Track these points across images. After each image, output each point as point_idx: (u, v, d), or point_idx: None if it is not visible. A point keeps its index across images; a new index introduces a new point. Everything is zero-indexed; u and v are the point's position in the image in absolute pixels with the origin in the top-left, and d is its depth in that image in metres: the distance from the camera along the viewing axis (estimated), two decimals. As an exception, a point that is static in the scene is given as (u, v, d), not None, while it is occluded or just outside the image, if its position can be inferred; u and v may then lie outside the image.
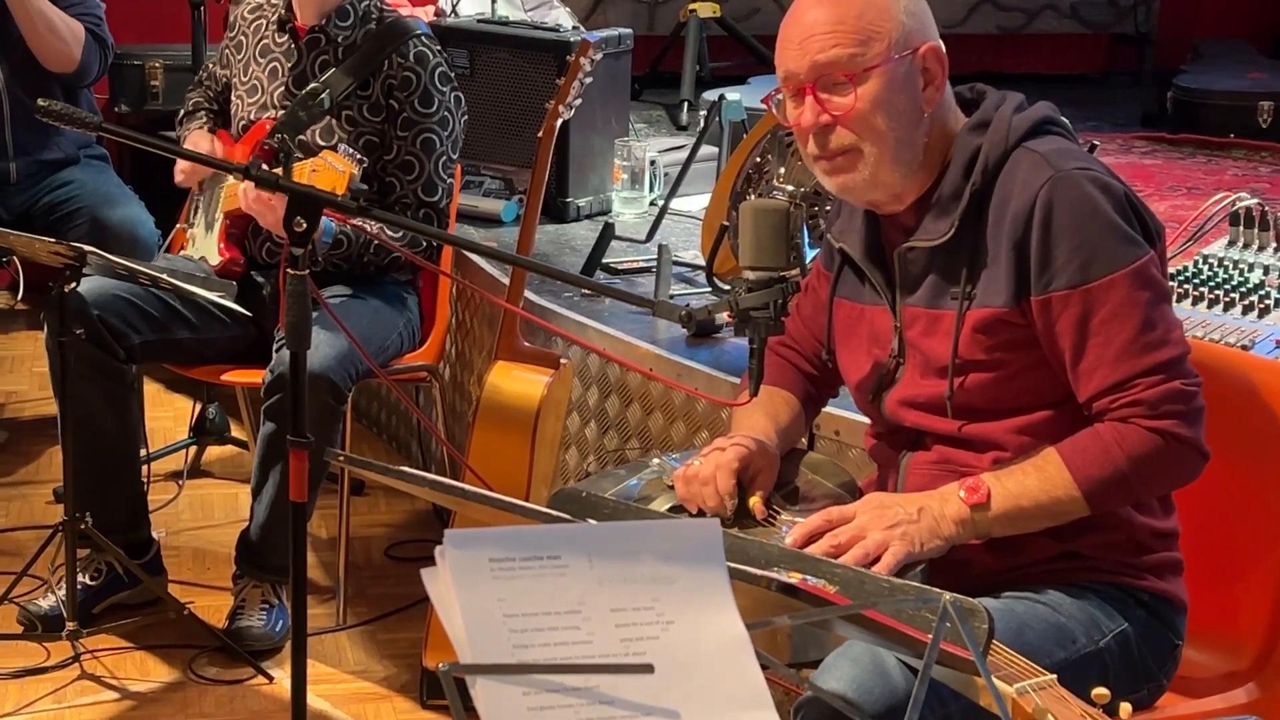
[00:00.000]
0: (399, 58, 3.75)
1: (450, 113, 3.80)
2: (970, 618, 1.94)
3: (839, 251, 2.55)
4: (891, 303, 2.47)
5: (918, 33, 2.37)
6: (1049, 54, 6.94)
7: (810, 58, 2.35)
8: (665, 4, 6.54)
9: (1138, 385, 2.28)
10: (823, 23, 2.35)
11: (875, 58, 2.34)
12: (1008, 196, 2.34)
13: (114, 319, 3.66)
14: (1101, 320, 2.29)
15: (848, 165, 2.38)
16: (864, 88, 2.34)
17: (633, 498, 2.52)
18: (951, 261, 2.39)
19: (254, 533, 3.70)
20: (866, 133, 2.35)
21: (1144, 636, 2.39)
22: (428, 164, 3.76)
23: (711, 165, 4.68)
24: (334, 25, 3.81)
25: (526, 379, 3.50)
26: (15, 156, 4.64)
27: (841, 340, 2.58)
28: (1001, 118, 2.40)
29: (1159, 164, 5.51)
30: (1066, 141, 2.41)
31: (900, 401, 2.46)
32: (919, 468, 2.45)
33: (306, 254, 2.55)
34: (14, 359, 5.42)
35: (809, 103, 2.36)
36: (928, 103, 2.38)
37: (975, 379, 2.37)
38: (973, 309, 2.36)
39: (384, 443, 4.87)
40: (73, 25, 4.57)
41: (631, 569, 1.51)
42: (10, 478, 4.57)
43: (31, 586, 3.78)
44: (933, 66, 2.38)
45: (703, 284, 3.94)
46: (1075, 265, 2.29)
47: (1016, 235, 2.32)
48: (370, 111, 3.76)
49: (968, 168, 2.38)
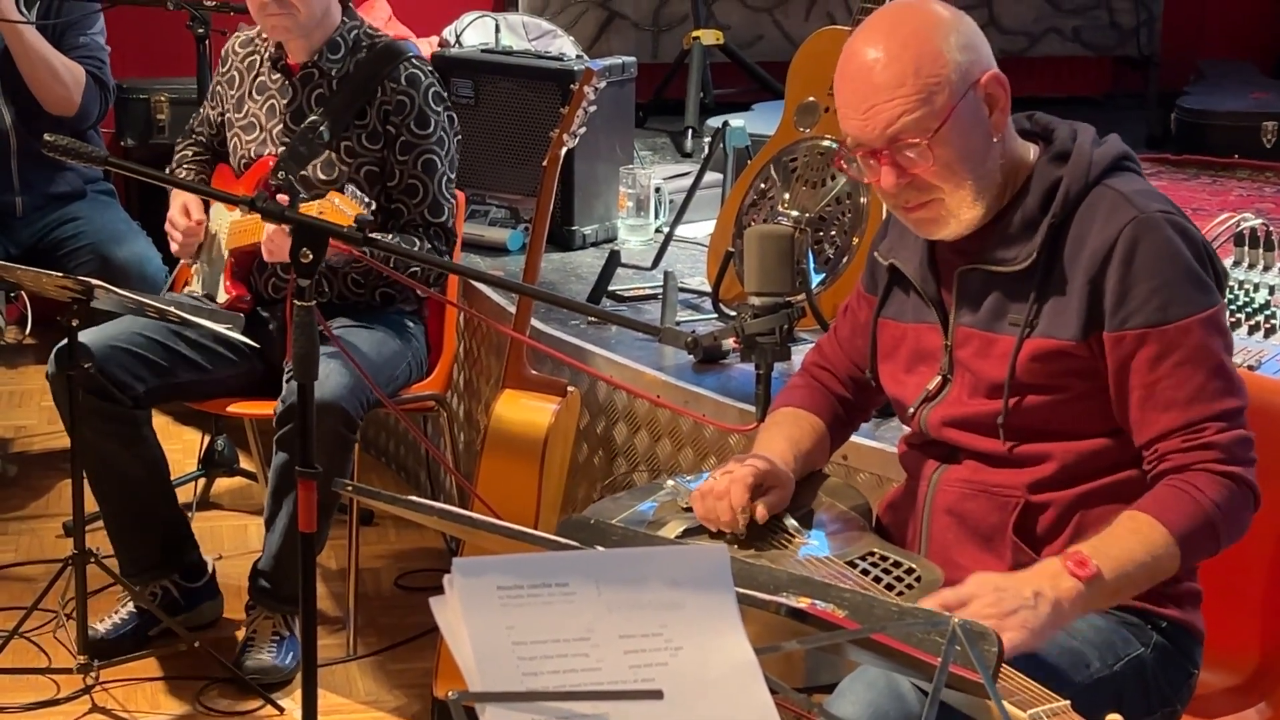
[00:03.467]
0: (391, 82, 3.76)
1: (446, 132, 3.81)
2: (980, 641, 1.94)
3: (889, 269, 2.55)
4: (943, 321, 2.47)
5: (975, 65, 2.35)
6: (1053, 77, 6.95)
7: (879, 130, 2.32)
8: (669, 31, 6.55)
9: (1208, 429, 2.28)
10: (883, 88, 2.31)
11: (943, 110, 2.31)
12: (1086, 232, 2.34)
13: (116, 370, 3.65)
14: (1176, 362, 2.28)
15: (933, 215, 2.38)
16: (939, 145, 2.32)
17: (646, 521, 2.52)
18: (1016, 288, 2.38)
19: (267, 563, 3.71)
20: (948, 182, 2.34)
21: (1160, 663, 2.38)
22: (431, 185, 3.77)
23: (716, 192, 4.68)
24: (325, 59, 3.81)
25: (534, 407, 3.50)
26: (21, 191, 4.68)
27: (884, 358, 2.58)
28: (1081, 151, 2.39)
29: (1163, 185, 5.49)
30: (1143, 181, 2.42)
31: (944, 419, 2.46)
32: (950, 484, 2.45)
33: (312, 285, 2.56)
34: (23, 393, 5.43)
35: (886, 170, 2.34)
36: (996, 128, 2.37)
37: (1030, 402, 2.37)
38: (1034, 337, 2.36)
39: (393, 472, 4.88)
40: (74, 69, 4.61)
41: (639, 595, 1.51)
42: (20, 512, 4.58)
43: (42, 620, 3.78)
44: (995, 92, 2.36)
45: (709, 310, 3.94)
46: (1154, 305, 2.29)
47: (1093, 271, 2.32)
48: (369, 140, 3.77)
49: (1046, 199, 2.38)
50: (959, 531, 2.43)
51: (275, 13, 3.71)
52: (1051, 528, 2.40)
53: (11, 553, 4.32)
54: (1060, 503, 2.38)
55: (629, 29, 6.54)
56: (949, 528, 2.44)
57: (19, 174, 4.67)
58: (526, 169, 4.62)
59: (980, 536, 2.42)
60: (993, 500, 2.41)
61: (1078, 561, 2.19)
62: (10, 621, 3.72)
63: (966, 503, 2.42)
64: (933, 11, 2.38)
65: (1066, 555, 2.21)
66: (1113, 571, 2.20)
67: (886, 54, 2.32)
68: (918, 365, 2.51)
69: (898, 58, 2.31)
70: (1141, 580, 2.25)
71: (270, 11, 3.72)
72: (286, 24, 3.74)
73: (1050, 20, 6.87)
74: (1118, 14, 6.92)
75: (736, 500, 2.43)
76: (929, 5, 2.40)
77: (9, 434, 5.11)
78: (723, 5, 6.56)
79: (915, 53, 2.32)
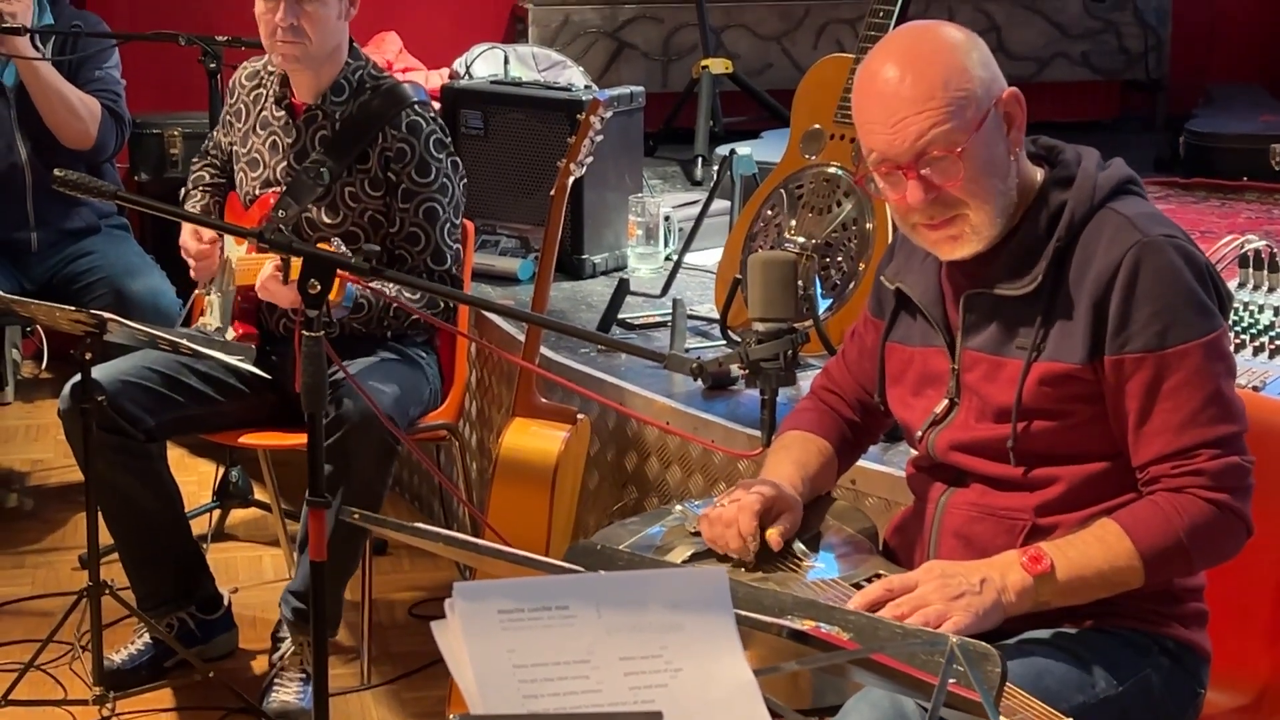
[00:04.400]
0: (392, 129, 3.75)
1: (449, 179, 3.80)
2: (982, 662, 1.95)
3: (895, 293, 2.56)
4: (950, 345, 2.48)
5: (995, 82, 2.37)
6: (1061, 102, 6.96)
7: (909, 143, 2.31)
8: (678, 61, 6.59)
9: (1200, 455, 2.29)
10: (910, 101, 2.31)
11: (971, 124, 2.32)
12: (1090, 256, 2.35)
13: (127, 404, 3.67)
14: (1172, 387, 2.29)
15: (956, 233, 2.37)
16: (967, 158, 2.32)
17: (654, 545, 2.53)
18: (1023, 312, 2.39)
19: (300, 584, 3.69)
20: (973, 197, 2.34)
21: (1166, 683, 2.39)
22: (434, 233, 3.76)
23: (724, 220, 4.70)
24: (329, 101, 3.83)
25: (544, 435, 3.53)
26: (36, 226, 4.72)
27: (892, 382, 2.59)
28: (1086, 174, 2.40)
29: (1172, 208, 5.51)
30: (1147, 204, 2.42)
31: (951, 443, 2.47)
32: (957, 507, 2.46)
33: (320, 315, 2.58)
34: (39, 427, 5.46)
35: (913, 185, 2.33)
36: (1014, 145, 2.38)
37: (1038, 426, 2.38)
38: (1041, 361, 2.36)
39: (406, 501, 4.90)
40: (89, 103, 4.65)
41: (639, 618, 1.53)
42: (36, 545, 4.60)
43: (58, 653, 3.80)
44: (1013, 110, 2.38)
45: (718, 337, 3.96)
46: (1153, 330, 2.30)
47: (1097, 295, 2.32)
48: (371, 186, 3.77)
49: (1050, 223, 2.38)
50: (966, 554, 2.42)
51: (287, 40, 3.72)
52: None
53: (27, 586, 4.34)
54: (1067, 525, 2.38)
55: (639, 59, 6.58)
56: (957, 550, 2.44)
57: (34, 210, 4.71)
58: (536, 199, 4.65)
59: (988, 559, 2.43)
60: (1000, 523, 2.42)
61: (1033, 557, 2.26)
62: (26, 654, 3.74)
63: (974, 525, 2.43)
64: (950, 31, 2.40)
65: (1024, 549, 2.28)
66: (1066, 572, 2.26)
67: (913, 70, 2.32)
68: (925, 389, 2.52)
69: (924, 73, 2.32)
70: (1097, 587, 2.29)
71: (282, 39, 3.72)
72: (297, 53, 3.75)
73: (1059, 45, 6.90)
74: (1126, 38, 6.94)
75: (745, 528, 2.44)
76: (944, 26, 2.41)
77: (25, 468, 5.14)
78: (732, 34, 6.60)
79: (942, 67, 2.32)
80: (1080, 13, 6.90)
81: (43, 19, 4.69)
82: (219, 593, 3.96)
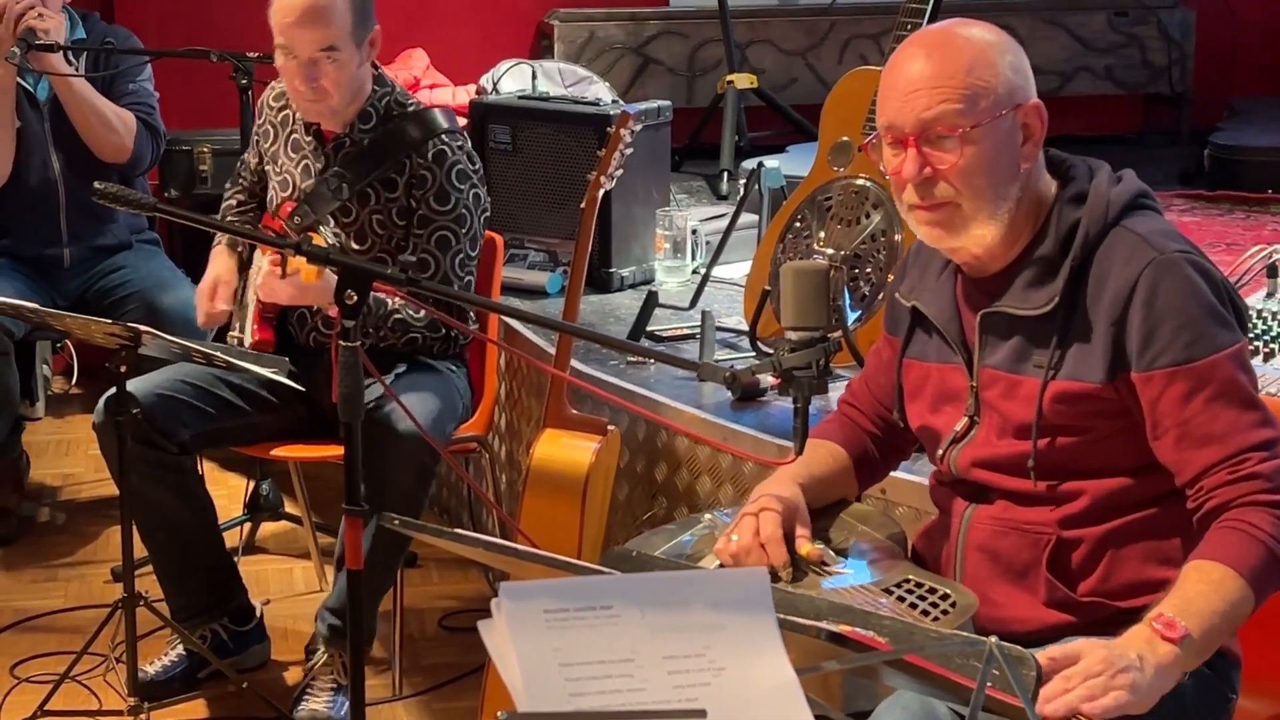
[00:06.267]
0: (419, 158, 3.76)
1: (469, 210, 3.78)
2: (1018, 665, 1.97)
3: (910, 310, 2.57)
4: (968, 363, 2.49)
5: (1021, 89, 2.38)
6: (1085, 115, 6.98)
7: (916, 113, 2.34)
8: (703, 76, 6.61)
9: (1250, 460, 2.28)
10: (930, 76, 2.34)
11: (982, 114, 2.34)
12: (1105, 274, 2.36)
13: (161, 417, 3.69)
14: (1208, 397, 2.30)
15: (945, 219, 2.38)
16: (968, 143, 2.34)
17: (684, 554, 2.55)
18: (1040, 331, 2.40)
19: (337, 600, 3.71)
20: (967, 188, 2.36)
21: (1199, 689, 2.37)
22: (444, 262, 3.75)
23: (752, 233, 4.73)
24: (357, 130, 3.83)
25: (575, 445, 3.54)
26: (69, 243, 4.75)
27: (910, 399, 2.60)
28: (1098, 191, 2.40)
29: (1198, 221, 5.52)
30: (1161, 220, 2.43)
31: (973, 460, 2.48)
32: (981, 522, 2.47)
33: (357, 326, 2.59)
34: (70, 442, 5.49)
35: (911, 155, 2.36)
36: (1025, 159, 2.39)
37: (1059, 443, 2.38)
38: (1058, 379, 2.37)
39: (434, 514, 4.91)
40: (124, 116, 4.67)
41: (682, 618, 1.54)
42: (69, 558, 4.63)
43: (92, 664, 3.82)
44: (1033, 123, 2.39)
45: (747, 349, 3.98)
46: (1181, 342, 2.30)
47: (1115, 314, 2.33)
48: (398, 215, 3.78)
49: (1065, 241, 2.39)
50: (992, 569, 2.44)
51: (309, 99, 3.74)
52: (1084, 563, 2.41)
53: (60, 598, 4.37)
54: (1091, 538, 2.40)
55: (664, 74, 6.61)
56: (982, 564, 2.46)
57: (67, 226, 4.75)
58: (564, 213, 4.68)
59: (1014, 573, 2.43)
60: (1024, 537, 2.43)
61: (1166, 624, 2.18)
62: (61, 665, 3.76)
63: (998, 540, 2.44)
64: (987, 29, 2.42)
65: (1151, 620, 2.19)
66: (1199, 629, 2.19)
67: (940, 51, 2.36)
68: (943, 405, 2.53)
69: (951, 56, 2.35)
70: (1225, 630, 2.24)
71: (304, 97, 3.74)
72: (319, 109, 3.77)
73: (1082, 59, 6.91)
74: (1149, 52, 6.95)
75: (778, 559, 2.45)
76: (984, 24, 2.43)
77: (57, 482, 5.17)
78: (756, 50, 6.63)
79: (971, 55, 2.35)
80: (1104, 27, 6.91)
81: (74, 34, 4.72)
82: (251, 604, 3.99)
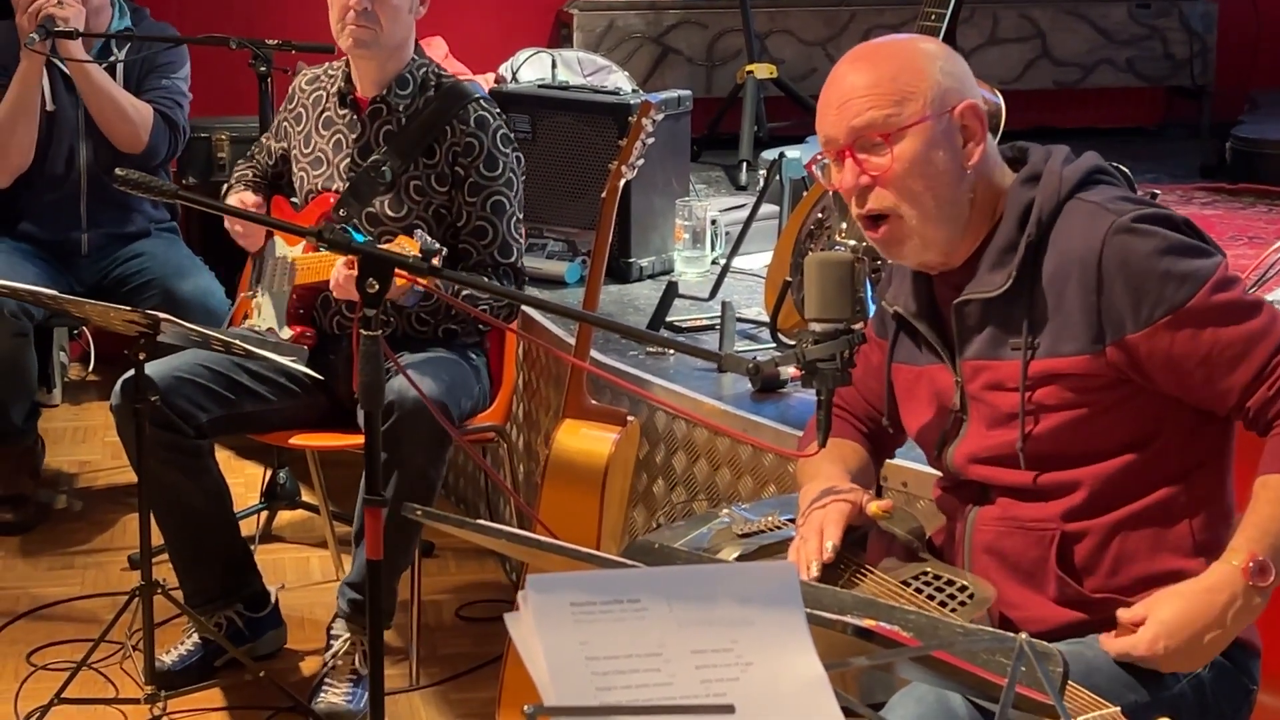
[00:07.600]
0: (460, 124, 3.79)
1: (514, 173, 3.84)
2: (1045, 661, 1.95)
3: (894, 316, 2.58)
4: (950, 359, 2.49)
5: (955, 91, 2.41)
6: (1106, 107, 6.95)
7: (847, 122, 2.39)
8: (723, 66, 6.59)
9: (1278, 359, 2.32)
10: (859, 87, 2.40)
11: (910, 117, 2.38)
12: (1065, 248, 2.37)
13: (179, 400, 3.69)
14: (1216, 326, 2.32)
15: (889, 234, 2.42)
16: (899, 147, 2.37)
17: (702, 548, 2.54)
18: (1009, 313, 2.41)
19: (358, 575, 3.71)
20: (903, 194, 2.38)
21: (1218, 681, 2.38)
22: (501, 226, 3.80)
23: (772, 224, 4.71)
24: (394, 95, 3.85)
25: (594, 436, 3.53)
26: (88, 229, 4.78)
27: (903, 402, 2.60)
28: (1051, 170, 2.42)
29: (1219, 214, 5.50)
30: (1113, 187, 2.44)
31: (967, 456, 2.48)
32: (985, 523, 2.47)
33: (378, 315, 2.59)
34: (87, 429, 5.49)
35: (848, 165, 2.41)
36: (969, 158, 2.41)
37: (1046, 426, 2.39)
38: (1038, 359, 2.38)
39: (451, 504, 4.91)
40: (140, 108, 4.70)
41: (710, 612, 1.53)
42: (85, 546, 4.63)
43: (109, 652, 3.82)
44: (971, 124, 2.41)
45: (766, 340, 3.97)
46: (1170, 291, 2.31)
47: (1090, 284, 2.34)
48: (438, 181, 3.80)
49: (1021, 220, 2.41)
50: (1001, 569, 2.44)
51: (359, 24, 3.74)
52: (1091, 556, 2.41)
53: (77, 586, 4.37)
54: (1097, 530, 2.39)
55: (683, 64, 6.59)
56: (991, 566, 2.45)
57: (88, 213, 4.77)
58: (583, 203, 4.66)
59: (1022, 573, 2.43)
60: (1029, 535, 2.42)
61: (1260, 570, 2.25)
62: (78, 653, 3.76)
63: (1004, 541, 2.44)
64: (921, 40, 2.50)
65: (1243, 566, 2.26)
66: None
67: (870, 63, 2.43)
68: (935, 406, 2.54)
69: (879, 66, 2.42)
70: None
71: (353, 22, 3.74)
72: (366, 37, 3.76)
73: (1103, 51, 6.88)
74: (1171, 44, 6.92)
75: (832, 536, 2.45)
76: (919, 38, 2.52)
77: (74, 469, 5.17)
78: (776, 40, 6.61)
79: (898, 65, 2.41)
80: (1125, 19, 6.88)
81: (121, 23, 4.74)
82: (266, 590, 3.98)
